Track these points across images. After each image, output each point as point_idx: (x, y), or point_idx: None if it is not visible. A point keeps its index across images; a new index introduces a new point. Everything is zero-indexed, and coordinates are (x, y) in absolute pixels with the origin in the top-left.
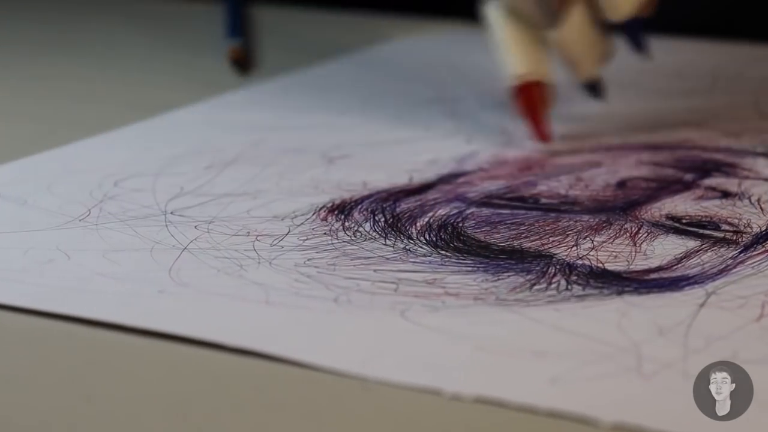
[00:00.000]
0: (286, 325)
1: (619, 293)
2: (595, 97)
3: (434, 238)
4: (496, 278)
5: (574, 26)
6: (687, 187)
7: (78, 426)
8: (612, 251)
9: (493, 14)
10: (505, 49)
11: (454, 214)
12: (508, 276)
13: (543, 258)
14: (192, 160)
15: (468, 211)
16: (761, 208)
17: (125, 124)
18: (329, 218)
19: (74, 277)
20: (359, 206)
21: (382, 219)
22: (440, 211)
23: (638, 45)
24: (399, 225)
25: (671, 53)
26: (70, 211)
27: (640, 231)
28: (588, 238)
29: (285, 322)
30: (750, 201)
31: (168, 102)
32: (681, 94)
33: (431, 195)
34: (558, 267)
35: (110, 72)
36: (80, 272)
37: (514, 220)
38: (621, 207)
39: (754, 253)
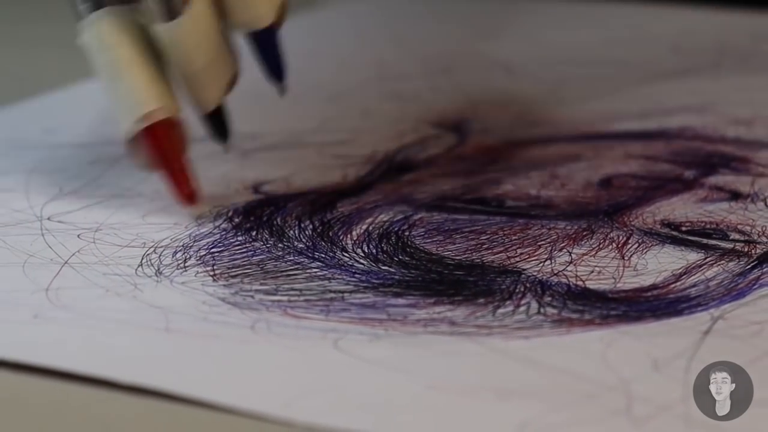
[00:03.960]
0: (192, 358)
1: (604, 318)
2: (218, 139)
3: (374, 251)
4: (450, 300)
5: (197, 21)
6: (687, 186)
7: None
8: (594, 266)
9: (97, 34)
10: (119, 80)
11: (398, 221)
12: (466, 297)
13: (509, 274)
14: (74, 153)
15: (416, 217)
16: None
17: None
18: (245, 225)
19: None
20: (281, 210)
21: (310, 226)
22: (381, 216)
23: (276, 67)
24: (331, 234)
25: (668, 23)
26: None
27: (630, 241)
28: (565, 250)
29: (190, 353)
30: (765, 203)
31: (43, 81)
32: (680, 73)
33: (370, 196)
34: (528, 285)
35: None
36: None
37: (473, 228)
38: (605, 211)
39: None
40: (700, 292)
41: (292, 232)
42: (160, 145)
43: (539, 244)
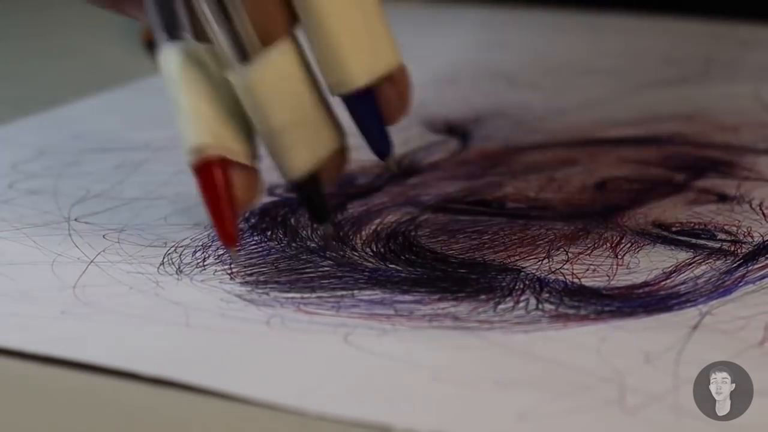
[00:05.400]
0: (210, 352)
1: (599, 313)
2: (311, 216)
3: (382, 249)
4: (454, 296)
5: (276, 68)
6: (677, 189)
7: None
8: (590, 264)
9: (170, 63)
10: (179, 113)
11: (405, 221)
12: (469, 294)
13: (509, 272)
14: (99, 157)
15: (421, 218)
16: (764, 214)
17: (20, 117)
18: (260, 226)
19: None
20: (295, 212)
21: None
22: (389, 217)
23: (374, 140)
24: (341, 234)
25: (658, 35)
26: None
27: (623, 240)
28: (562, 249)
29: (209, 347)
30: (750, 206)
31: (71, 91)
32: (670, 82)
33: (378, 198)
34: (527, 283)
35: (1, 56)
36: None
37: (475, 228)
38: (600, 212)
39: (756, 266)
40: (689, 289)
41: (304, 232)
42: (206, 182)
43: (538, 243)
